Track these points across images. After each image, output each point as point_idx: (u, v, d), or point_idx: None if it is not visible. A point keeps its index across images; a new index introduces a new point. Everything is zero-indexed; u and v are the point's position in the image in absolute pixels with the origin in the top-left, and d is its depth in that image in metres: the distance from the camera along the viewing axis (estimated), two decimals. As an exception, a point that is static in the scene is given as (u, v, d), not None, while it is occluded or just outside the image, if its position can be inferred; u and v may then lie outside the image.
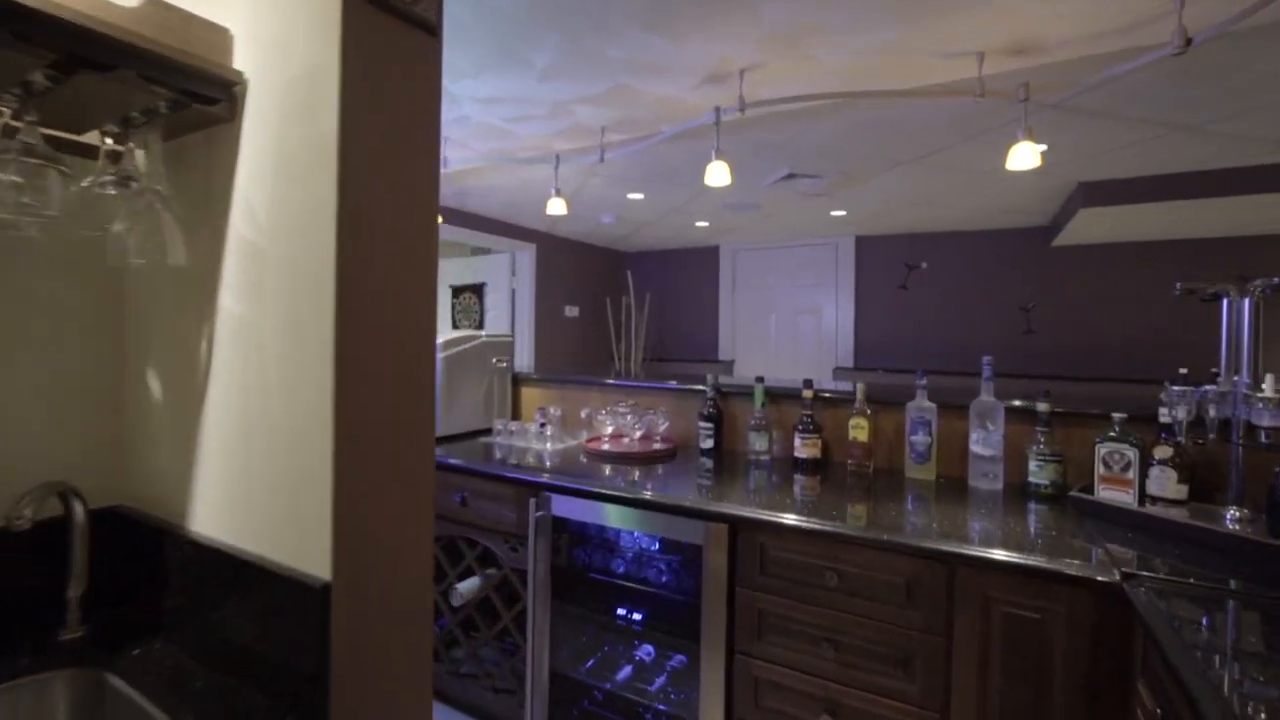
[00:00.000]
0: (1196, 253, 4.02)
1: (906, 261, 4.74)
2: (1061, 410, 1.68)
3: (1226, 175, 2.92)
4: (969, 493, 1.64)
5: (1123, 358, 4.17)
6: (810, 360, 5.00)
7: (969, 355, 4.56)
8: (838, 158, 2.74)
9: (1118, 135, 2.45)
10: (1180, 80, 1.91)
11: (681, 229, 4.61)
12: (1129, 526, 1.31)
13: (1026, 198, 3.53)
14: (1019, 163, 1.36)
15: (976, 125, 2.33)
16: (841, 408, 1.97)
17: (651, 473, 1.85)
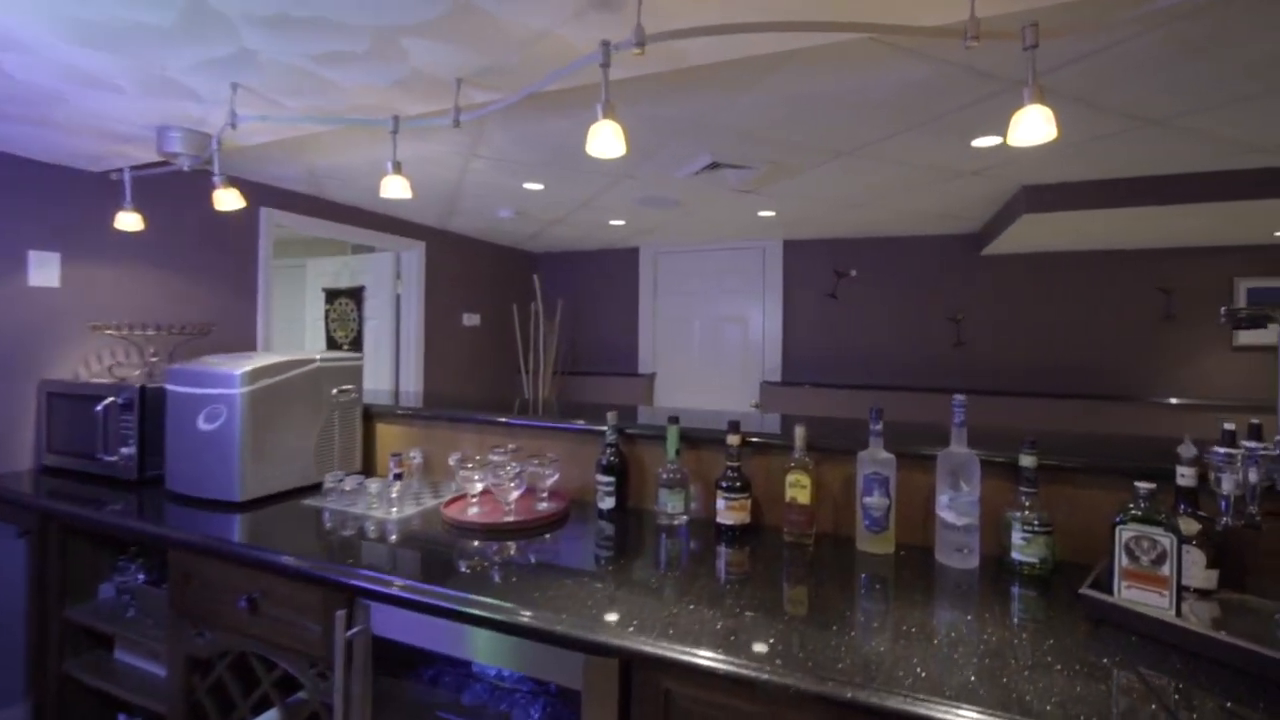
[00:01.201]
0: (1126, 263, 3.96)
1: (836, 268, 4.48)
2: (1052, 463, 1.32)
3: (1176, 181, 2.77)
4: (937, 575, 1.25)
5: (1054, 372, 4.06)
6: (736, 373, 4.65)
7: (900, 367, 4.34)
8: (767, 143, 2.34)
9: (1079, 128, 2.17)
10: (1180, 55, 1.62)
11: (595, 228, 4.12)
12: (1166, 645, 0.94)
13: (966, 202, 3.29)
14: (1026, 134, 0.95)
15: (931, 107, 1.99)
16: (776, 456, 1.55)
17: (533, 549, 1.35)
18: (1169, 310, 3.86)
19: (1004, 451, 1.36)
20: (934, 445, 1.40)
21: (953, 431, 1.32)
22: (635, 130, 2.19)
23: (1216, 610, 1.07)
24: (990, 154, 2.48)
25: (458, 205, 3.38)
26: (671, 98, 1.92)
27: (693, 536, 1.48)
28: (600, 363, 5.04)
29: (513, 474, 1.57)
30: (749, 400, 4.52)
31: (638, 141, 2.31)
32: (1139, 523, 1.00)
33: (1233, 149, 2.40)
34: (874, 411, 1.38)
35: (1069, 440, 1.51)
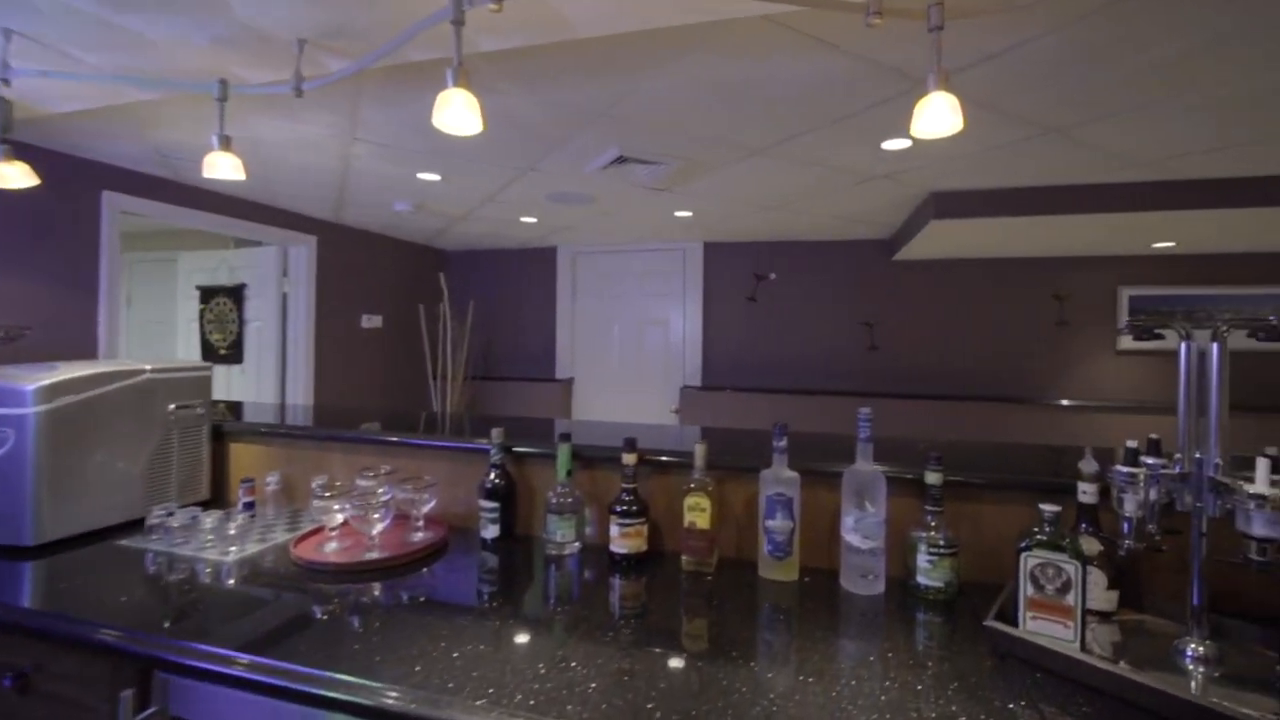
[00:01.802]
0: (1024, 271, 4.14)
1: (756, 272, 4.47)
2: (958, 480, 1.25)
3: (1069, 192, 2.88)
4: (842, 603, 1.15)
5: (961, 375, 4.20)
6: (657, 377, 4.55)
7: (818, 371, 4.38)
8: (677, 137, 2.22)
9: (985, 133, 2.18)
10: (1081, 59, 1.61)
11: (507, 225, 3.90)
12: (1071, 682, 0.87)
13: (878, 207, 3.33)
14: (930, 124, 0.86)
15: (841, 104, 1.93)
16: (677, 475, 1.42)
17: (404, 589, 1.15)
18: (1062, 316, 4.08)
19: (910, 467, 1.29)
20: (842, 460, 1.31)
21: (858, 447, 1.23)
22: (536, 117, 2.01)
23: (1118, 634, 1.02)
24: (900, 157, 2.47)
25: (348, 196, 3.08)
26: (571, 80, 1.76)
27: (585, 566, 1.33)
28: (517, 367, 4.81)
29: (380, 501, 1.36)
30: (670, 405, 4.43)
31: (540, 130, 2.14)
32: (1044, 549, 0.94)
33: (1117, 162, 2.51)
34: (778, 427, 1.27)
35: (975, 452, 1.47)
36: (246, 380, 3.48)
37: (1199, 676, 0.89)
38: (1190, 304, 3.92)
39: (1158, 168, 2.57)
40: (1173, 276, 3.96)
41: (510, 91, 1.80)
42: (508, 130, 2.14)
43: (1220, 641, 0.95)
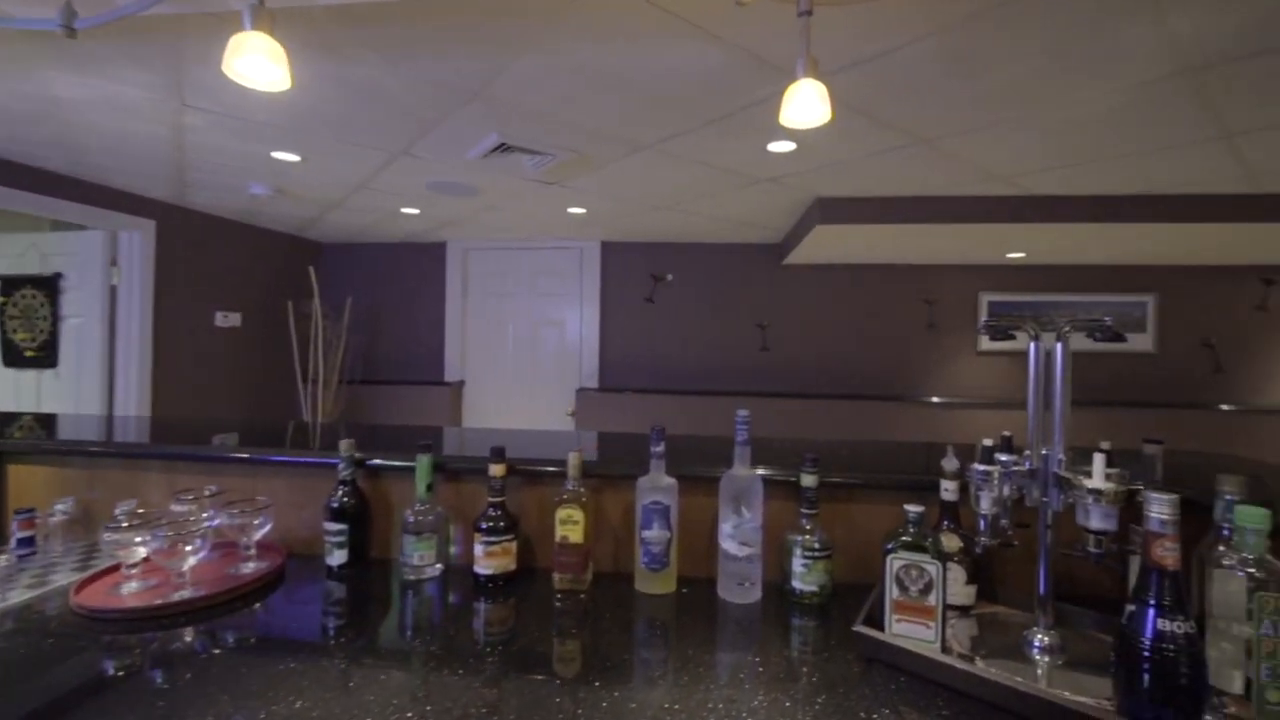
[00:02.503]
0: (899, 276, 4.41)
1: (653, 272, 4.46)
2: (836, 480, 1.24)
3: (938, 202, 3.08)
4: (718, 614, 1.10)
5: (845, 374, 4.41)
6: (552, 379, 4.41)
7: (714, 372, 4.43)
8: (561, 126, 2.12)
9: (863, 141, 2.26)
10: (947, 72, 1.67)
11: (387, 216, 3.61)
12: (933, 684, 0.86)
13: (767, 210, 3.40)
14: (798, 113, 0.82)
15: (724, 100, 1.91)
16: (551, 485, 1.32)
17: (228, 631, 0.95)
18: (931, 320, 4.40)
19: (788, 470, 1.27)
20: (724, 464, 1.26)
21: (735, 451, 1.19)
22: (401, 93, 1.83)
23: (975, 629, 1.04)
24: (785, 161, 2.52)
25: (191, 175, 2.70)
26: (434, 51, 1.61)
27: (449, 590, 1.19)
28: (402, 370, 4.48)
29: (198, 529, 1.15)
30: (566, 408, 4.31)
31: (408, 108, 1.96)
32: (908, 550, 0.93)
33: (976, 175, 2.70)
34: (655, 431, 1.20)
35: (853, 452, 1.48)
36: (63, 387, 2.96)
37: (1045, 665, 0.92)
38: (1038, 309, 4.36)
39: (1009, 183, 2.81)
40: (1025, 284, 4.39)
41: (369, 61, 1.62)
42: (371, 106, 1.94)
43: (1063, 629, 0.98)
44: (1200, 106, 1.90)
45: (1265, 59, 1.59)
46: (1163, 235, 3.28)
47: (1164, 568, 0.74)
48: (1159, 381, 4.31)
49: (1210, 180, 2.70)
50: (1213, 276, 4.30)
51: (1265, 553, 0.75)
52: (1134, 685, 0.74)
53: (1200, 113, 1.95)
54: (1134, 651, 0.74)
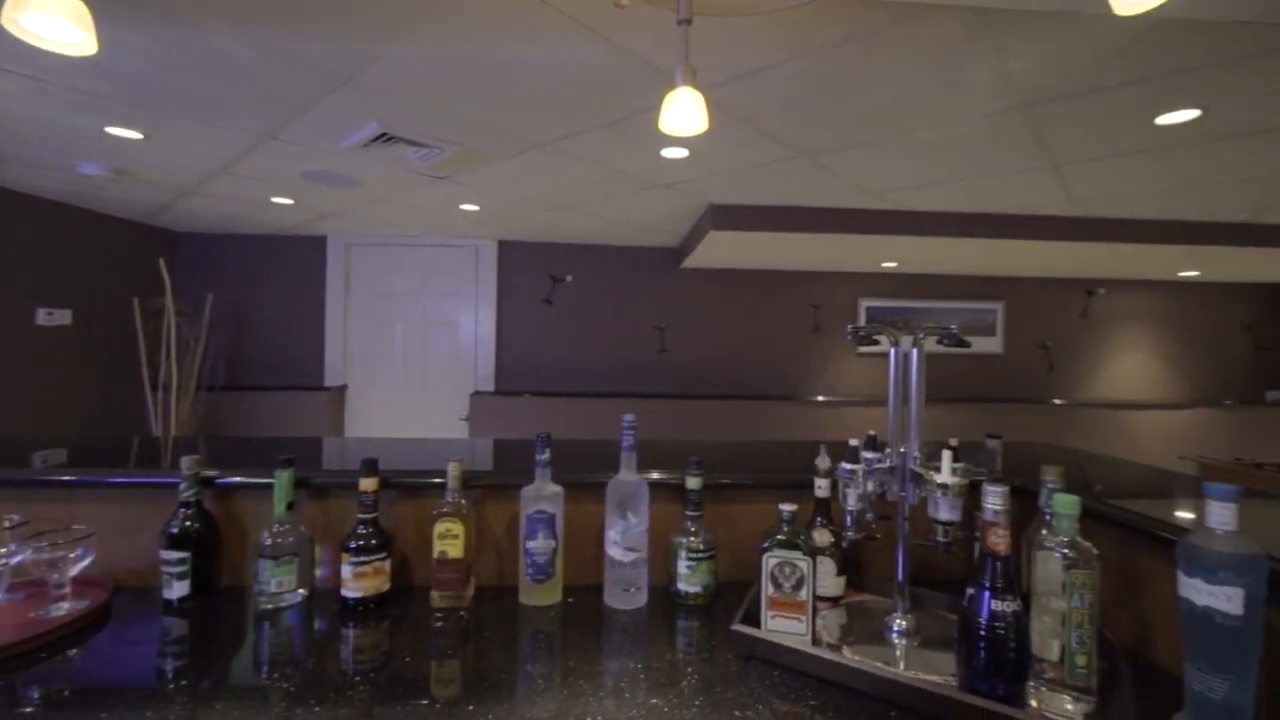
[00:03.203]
0: (789, 282, 4.64)
1: (551, 273, 4.40)
2: (719, 482, 1.27)
3: (821, 213, 3.26)
4: (605, 621, 1.09)
5: (740, 376, 4.57)
6: (445, 383, 4.22)
7: (613, 374, 4.44)
8: (448, 118, 2.03)
9: (750, 152, 2.34)
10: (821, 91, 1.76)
11: (256, 205, 3.29)
12: (805, 676, 0.90)
13: (664, 215, 3.45)
14: (677, 120, 0.82)
15: (616, 102, 1.91)
16: (431, 498, 1.24)
17: (32, 685, 0.80)
18: (817, 323, 4.68)
19: (674, 472, 1.28)
20: (611, 469, 1.25)
21: (622, 456, 1.18)
22: (261, 70, 1.67)
23: (844, 617, 1.10)
24: (680, 167, 2.57)
25: (2, 149, 2.30)
26: (294, 27, 1.48)
27: (314, 617, 1.09)
28: (274, 374, 4.10)
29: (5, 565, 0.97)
30: (459, 414, 4.15)
31: (271, 87, 1.79)
32: (782, 548, 0.96)
33: (853, 189, 2.90)
34: (540, 439, 1.17)
35: (740, 452, 1.53)
36: None
37: (903, 648, 0.99)
38: (908, 314, 4.77)
39: (881, 198, 3.05)
40: (898, 291, 4.78)
41: (212, 29, 1.45)
42: (226, 82, 1.75)
43: (920, 612, 1.07)
44: (1033, 138, 2.16)
45: (1082, 99, 1.83)
46: (1007, 250, 3.69)
47: (997, 553, 0.81)
48: (1006, 379, 4.86)
49: (1043, 203, 3.08)
50: (1048, 287, 4.91)
51: (1076, 535, 0.85)
52: (973, 661, 0.81)
53: (1033, 144, 2.21)
54: (972, 631, 0.81)
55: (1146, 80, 1.70)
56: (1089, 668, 0.81)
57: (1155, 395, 4.96)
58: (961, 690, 0.82)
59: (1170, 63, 1.60)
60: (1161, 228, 3.38)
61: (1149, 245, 3.42)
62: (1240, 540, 0.75)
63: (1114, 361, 4.95)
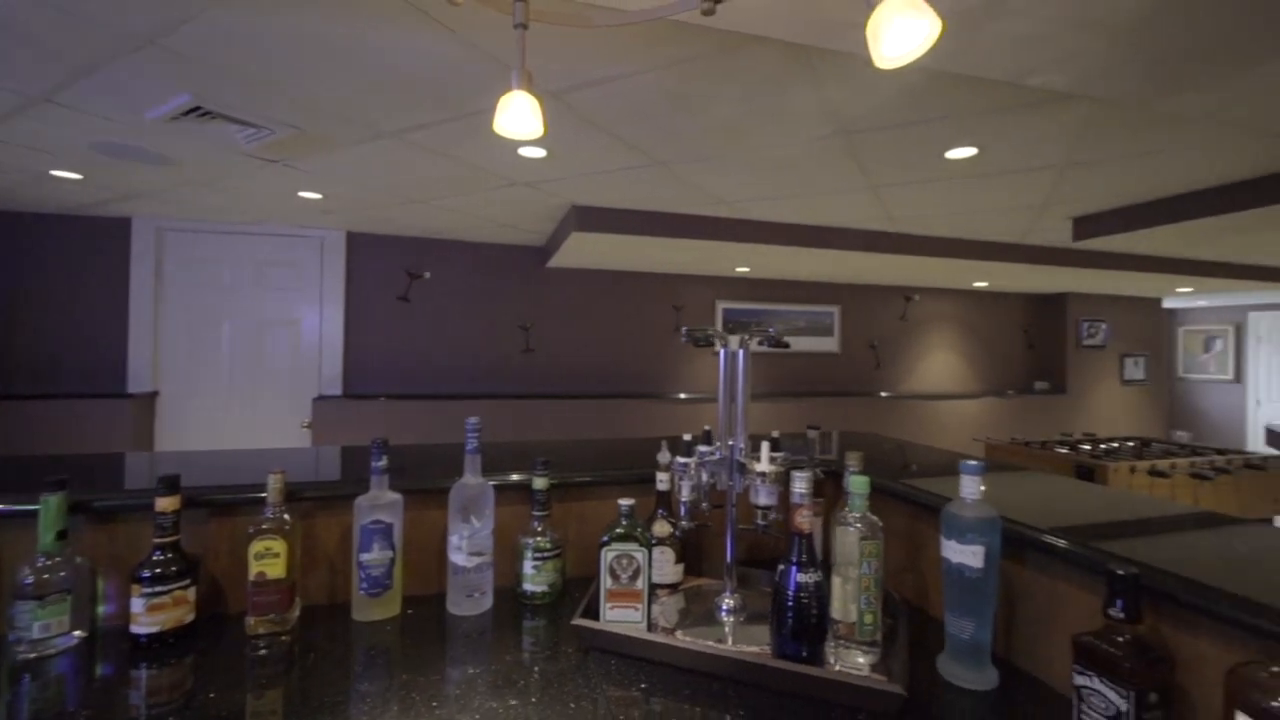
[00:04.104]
0: (653, 284, 4.79)
1: (409, 269, 4.16)
2: (567, 480, 1.29)
3: (687, 220, 3.40)
4: (447, 630, 1.07)
5: (606, 375, 4.64)
6: (283, 387, 3.83)
7: (476, 374, 4.31)
8: (278, 97, 1.86)
9: (610, 157, 2.39)
10: (670, 106, 1.84)
11: (30, 179, 2.75)
12: (641, 661, 0.95)
13: (527, 213, 3.41)
14: (511, 123, 0.82)
15: (466, 98, 1.85)
16: (249, 514, 1.13)
17: None
18: (679, 323, 4.89)
19: (521, 473, 1.28)
20: (456, 474, 1.22)
21: (466, 460, 1.16)
22: (23, 16, 1.41)
23: (682, 602, 1.17)
24: (540, 166, 2.56)
25: None
26: (84, -13, 1.27)
27: (97, 661, 0.95)
28: (60, 379, 3.46)
29: None
30: (300, 420, 3.79)
31: (46, 40, 1.51)
32: (619, 541, 1.01)
33: (708, 198, 3.07)
34: (375, 445, 1.11)
35: (586, 452, 1.56)
36: None
37: (731, 624, 1.08)
38: (760, 316, 5.15)
39: (732, 207, 3.26)
40: (750, 294, 5.13)
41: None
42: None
43: (747, 590, 1.17)
44: (854, 163, 2.43)
45: (888, 131, 2.10)
46: (841, 260, 4.12)
47: (802, 532, 0.92)
48: (842, 375, 5.42)
49: (867, 219, 3.48)
50: (875, 293, 5.55)
51: (867, 511, 0.98)
52: (782, 629, 0.90)
53: (855, 167, 2.50)
54: (782, 602, 0.90)
55: (936, 120, 1.99)
56: (875, 625, 0.94)
57: (957, 387, 5.80)
58: (774, 657, 0.91)
59: (954, 106, 1.89)
60: (956, 245, 3.97)
61: (947, 259, 4.00)
62: (983, 506, 0.91)
63: (927, 358, 5.72)
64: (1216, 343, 7.53)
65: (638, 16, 0.91)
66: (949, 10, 1.13)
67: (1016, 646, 0.97)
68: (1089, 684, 0.74)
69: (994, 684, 0.90)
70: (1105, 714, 0.72)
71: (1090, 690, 0.74)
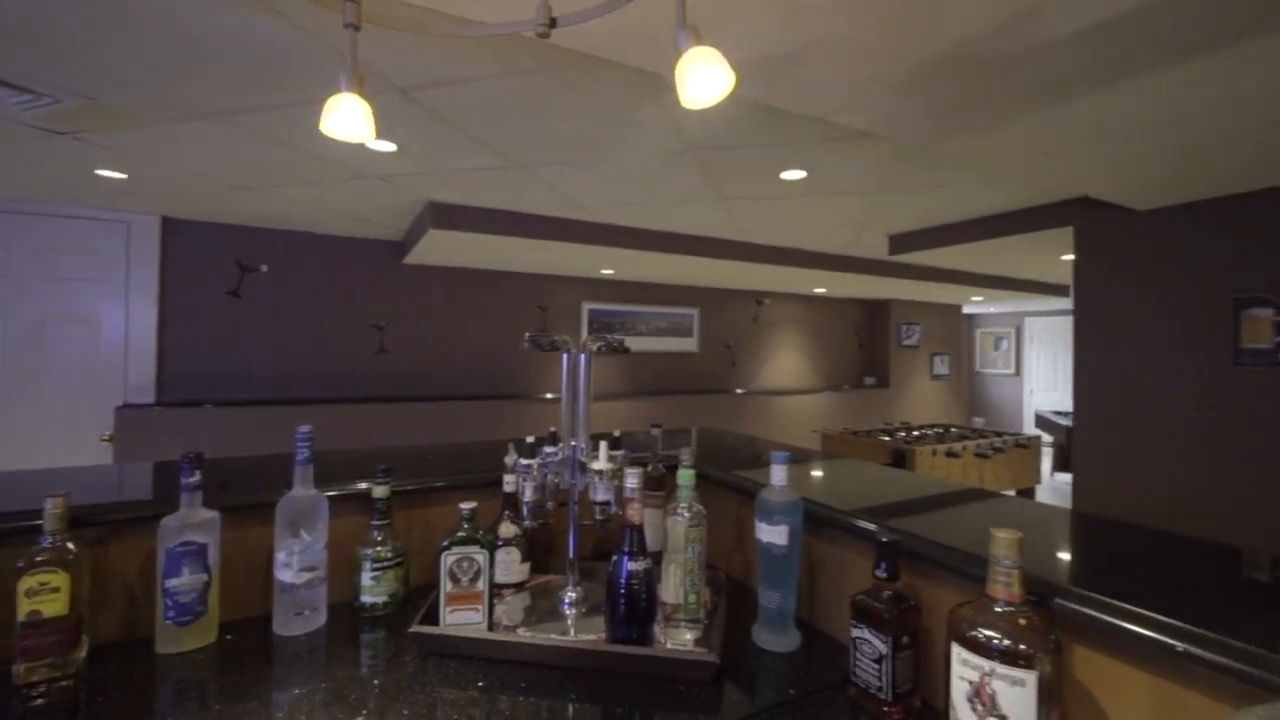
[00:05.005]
0: (517, 284, 4.73)
1: (241, 261, 3.75)
2: (411, 487, 1.27)
3: (552, 222, 3.40)
4: (274, 653, 1.01)
5: (469, 376, 4.51)
6: (78, 394, 3.27)
7: (323, 378, 3.99)
8: (66, 64, 1.62)
9: (466, 156, 2.34)
10: (522, 107, 1.85)
11: None
12: (485, 660, 0.97)
13: (379, 207, 3.22)
14: (340, 125, 0.81)
15: (295, 84, 1.73)
16: (20, 547, 0.99)
17: None
18: (544, 324, 4.89)
19: (360, 481, 1.24)
20: (284, 486, 1.15)
21: (295, 471, 1.10)
22: None
23: (529, 599, 1.21)
24: (391, 161, 2.44)
25: None
26: None
27: None
28: None
29: None
30: (100, 432, 3.27)
31: None
32: (460, 544, 1.02)
33: (569, 202, 3.12)
34: (186, 460, 1.02)
35: (438, 456, 1.53)
36: None
37: (573, 616, 1.13)
38: (625, 317, 5.30)
39: (594, 212, 3.34)
40: (616, 296, 5.26)
41: None
42: None
43: (590, 583, 1.23)
44: (704, 177, 2.61)
45: (732, 151, 2.29)
46: (699, 265, 4.37)
47: (633, 523, 0.99)
48: (700, 374, 5.74)
49: (718, 228, 3.73)
50: (731, 297, 5.94)
51: (693, 501, 1.08)
52: (615, 615, 0.97)
53: (705, 181, 2.68)
54: (615, 590, 0.97)
55: (772, 144, 2.20)
56: (699, 603, 1.04)
57: (801, 383, 6.39)
58: (609, 642, 0.98)
59: (786, 134, 2.10)
60: (796, 254, 4.38)
61: (789, 267, 4.41)
62: (788, 491, 1.05)
63: (775, 358, 6.24)
64: (1003, 343, 9.01)
65: (477, 31, 0.92)
66: (762, 55, 1.28)
67: (816, 611, 1.12)
68: (861, 634, 0.89)
69: (797, 645, 1.04)
70: (872, 657, 0.87)
71: (862, 639, 0.89)
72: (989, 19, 1.16)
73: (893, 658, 0.85)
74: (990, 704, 0.71)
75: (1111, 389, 2.81)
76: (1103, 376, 2.85)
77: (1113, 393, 2.81)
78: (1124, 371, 2.77)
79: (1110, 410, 2.82)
